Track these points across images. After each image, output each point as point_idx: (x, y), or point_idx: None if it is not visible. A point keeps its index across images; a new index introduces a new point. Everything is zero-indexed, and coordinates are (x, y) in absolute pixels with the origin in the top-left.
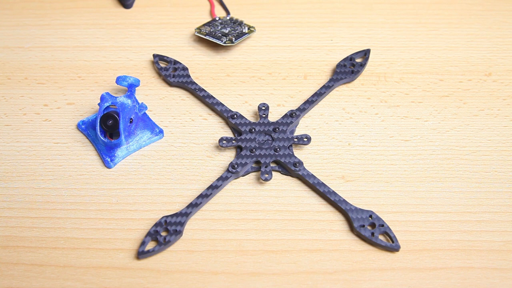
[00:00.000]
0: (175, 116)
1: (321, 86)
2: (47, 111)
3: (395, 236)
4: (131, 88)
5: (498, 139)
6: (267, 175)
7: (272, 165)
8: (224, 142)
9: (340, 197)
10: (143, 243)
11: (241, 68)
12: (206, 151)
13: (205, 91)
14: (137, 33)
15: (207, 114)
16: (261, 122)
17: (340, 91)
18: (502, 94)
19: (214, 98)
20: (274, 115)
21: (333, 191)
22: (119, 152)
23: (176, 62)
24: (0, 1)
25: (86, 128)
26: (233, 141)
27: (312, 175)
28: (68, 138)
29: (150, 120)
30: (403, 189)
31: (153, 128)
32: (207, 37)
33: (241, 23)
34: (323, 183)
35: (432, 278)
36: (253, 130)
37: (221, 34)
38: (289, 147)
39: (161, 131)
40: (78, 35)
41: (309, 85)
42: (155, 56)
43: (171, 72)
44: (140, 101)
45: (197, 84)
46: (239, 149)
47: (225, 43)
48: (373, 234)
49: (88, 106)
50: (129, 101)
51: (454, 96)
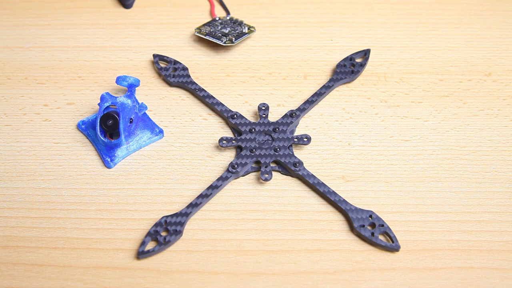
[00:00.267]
0: (175, 116)
1: (321, 86)
2: (47, 111)
3: (395, 236)
4: (131, 88)
5: (498, 139)
6: (267, 175)
7: (272, 165)
8: (224, 142)
9: (340, 197)
10: (143, 243)
11: (241, 68)
12: (206, 151)
13: (205, 91)
14: (137, 33)
15: (207, 114)
16: (261, 122)
17: (340, 91)
18: (502, 94)
19: (214, 98)
20: (274, 115)
21: (333, 191)
22: (119, 152)
23: (176, 62)
24: (0, 1)
25: (86, 128)
26: (233, 141)
27: (312, 175)
28: (68, 138)
29: (150, 120)
30: (403, 189)
31: (153, 128)
32: (207, 37)
33: (241, 23)
34: (323, 183)
35: (432, 278)
36: (253, 130)
37: (221, 34)
38: (289, 147)
39: (161, 131)
40: (78, 35)
41: (309, 85)
42: (155, 56)
43: (171, 72)
44: (140, 101)
45: (197, 84)
46: (239, 149)
47: (225, 43)
48: (373, 234)
49: (88, 106)
50: (129, 101)
51: (454, 96)
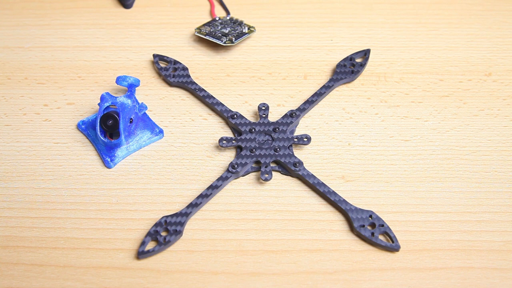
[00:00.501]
0: (175, 116)
1: (321, 86)
2: (47, 111)
3: (395, 236)
4: (131, 88)
5: (498, 139)
6: (267, 175)
7: (272, 165)
8: (224, 142)
9: (340, 197)
10: (143, 243)
11: (241, 68)
12: (206, 151)
13: (205, 91)
14: (137, 33)
15: (207, 114)
16: (261, 122)
17: (340, 91)
18: (502, 94)
19: (214, 98)
20: (274, 115)
21: (333, 191)
22: (119, 152)
23: (176, 62)
24: (0, 1)
25: (86, 128)
26: (233, 141)
27: (312, 175)
28: (68, 138)
29: (150, 120)
30: (403, 189)
31: (153, 128)
32: (207, 37)
33: (241, 23)
34: (323, 183)
35: (432, 278)
36: (253, 130)
37: (221, 34)
38: (289, 147)
39: (161, 131)
40: (78, 35)
41: (309, 85)
42: (155, 56)
43: (171, 72)
44: (140, 101)
45: (197, 84)
46: (239, 149)
47: (225, 43)
48: (373, 234)
49: (88, 106)
50: (129, 101)
51: (454, 96)
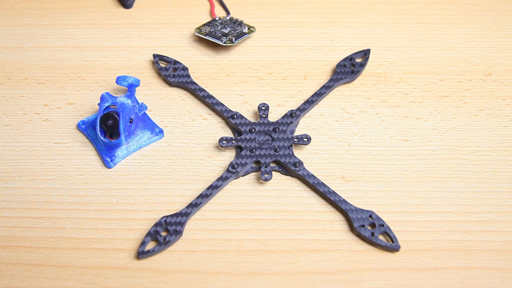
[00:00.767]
0: (175, 116)
1: (321, 86)
2: (47, 111)
3: (395, 236)
4: (131, 88)
5: (498, 139)
6: (267, 175)
7: (272, 165)
8: (224, 142)
9: (340, 197)
10: (143, 243)
11: (241, 68)
12: (206, 151)
13: (205, 91)
14: (137, 33)
15: (207, 114)
16: (261, 122)
17: (340, 91)
18: (502, 94)
19: (214, 98)
20: (274, 115)
21: (333, 191)
22: (119, 152)
23: (176, 62)
24: (0, 1)
25: (86, 128)
26: (233, 141)
27: (312, 175)
28: (68, 138)
29: (150, 120)
30: (403, 189)
31: (153, 128)
32: (207, 37)
33: (241, 23)
34: (323, 183)
35: (432, 278)
36: (253, 130)
37: (221, 34)
38: (289, 147)
39: (161, 131)
40: (78, 35)
41: (309, 85)
42: (155, 56)
43: (171, 72)
44: (140, 101)
45: (197, 84)
46: (239, 149)
47: (225, 43)
48: (373, 234)
49: (88, 106)
50: (129, 101)
51: (454, 96)
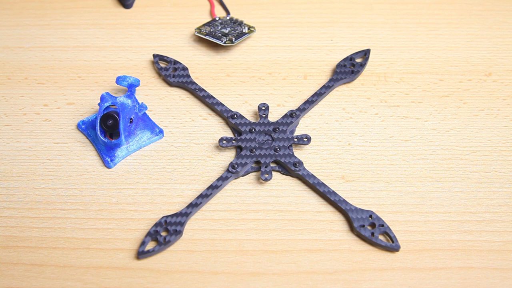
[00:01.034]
0: (175, 116)
1: (321, 86)
2: (47, 111)
3: (395, 236)
4: (131, 88)
5: (498, 139)
6: (267, 175)
7: (272, 165)
8: (224, 142)
9: (340, 197)
10: (143, 243)
11: (241, 68)
12: (206, 151)
13: (205, 91)
14: (137, 33)
15: (207, 114)
16: (261, 122)
17: (340, 91)
18: (502, 94)
19: (214, 98)
20: (274, 115)
21: (333, 191)
22: (119, 152)
23: (176, 62)
24: (0, 1)
25: (86, 128)
26: (233, 141)
27: (312, 175)
28: (68, 138)
29: (150, 120)
30: (403, 189)
31: (153, 128)
32: (207, 37)
33: (241, 23)
34: (323, 183)
35: (432, 278)
36: (253, 130)
37: (221, 34)
38: (289, 147)
39: (161, 131)
40: (78, 35)
41: (309, 85)
42: (155, 56)
43: (171, 72)
44: (140, 101)
45: (197, 84)
46: (239, 149)
47: (225, 43)
48: (373, 234)
49: (88, 106)
50: (129, 101)
51: (454, 96)
